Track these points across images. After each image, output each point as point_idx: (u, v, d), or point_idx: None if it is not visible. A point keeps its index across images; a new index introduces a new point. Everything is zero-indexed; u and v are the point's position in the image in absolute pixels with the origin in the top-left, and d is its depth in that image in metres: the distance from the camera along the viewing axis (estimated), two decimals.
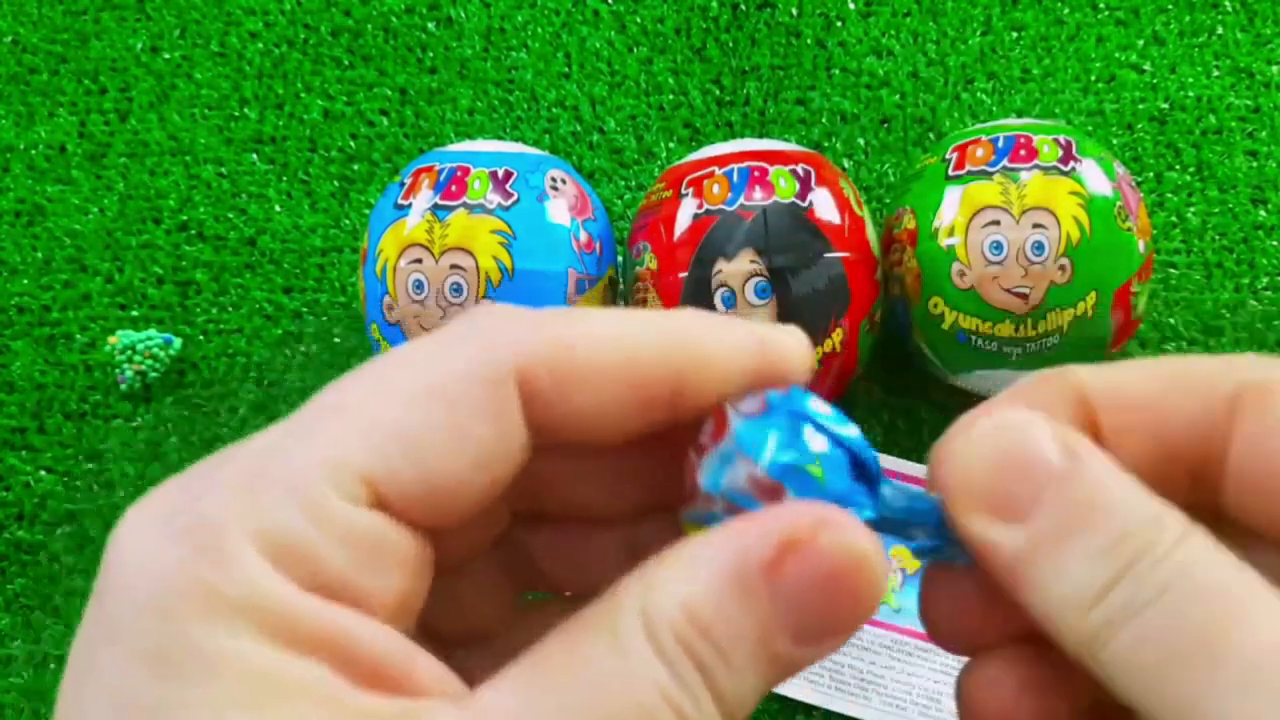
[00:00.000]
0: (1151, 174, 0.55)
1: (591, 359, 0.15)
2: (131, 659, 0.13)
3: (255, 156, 0.57)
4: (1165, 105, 0.56)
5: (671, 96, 0.57)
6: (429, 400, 0.15)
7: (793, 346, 0.17)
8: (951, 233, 0.43)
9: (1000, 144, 0.44)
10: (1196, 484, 0.16)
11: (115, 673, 0.13)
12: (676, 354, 0.16)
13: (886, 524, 0.16)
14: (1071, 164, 0.43)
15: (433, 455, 0.15)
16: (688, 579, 0.14)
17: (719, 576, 0.14)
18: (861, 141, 0.56)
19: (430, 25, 0.59)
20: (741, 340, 0.16)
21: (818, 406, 0.16)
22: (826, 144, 0.56)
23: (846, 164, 0.56)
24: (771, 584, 0.14)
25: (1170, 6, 0.57)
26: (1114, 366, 0.17)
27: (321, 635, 0.14)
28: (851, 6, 0.58)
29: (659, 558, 0.15)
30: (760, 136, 0.56)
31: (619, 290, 0.49)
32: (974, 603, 0.17)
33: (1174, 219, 0.54)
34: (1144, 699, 0.14)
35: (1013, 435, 0.15)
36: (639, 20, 0.59)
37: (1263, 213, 0.54)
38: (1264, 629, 0.13)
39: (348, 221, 0.56)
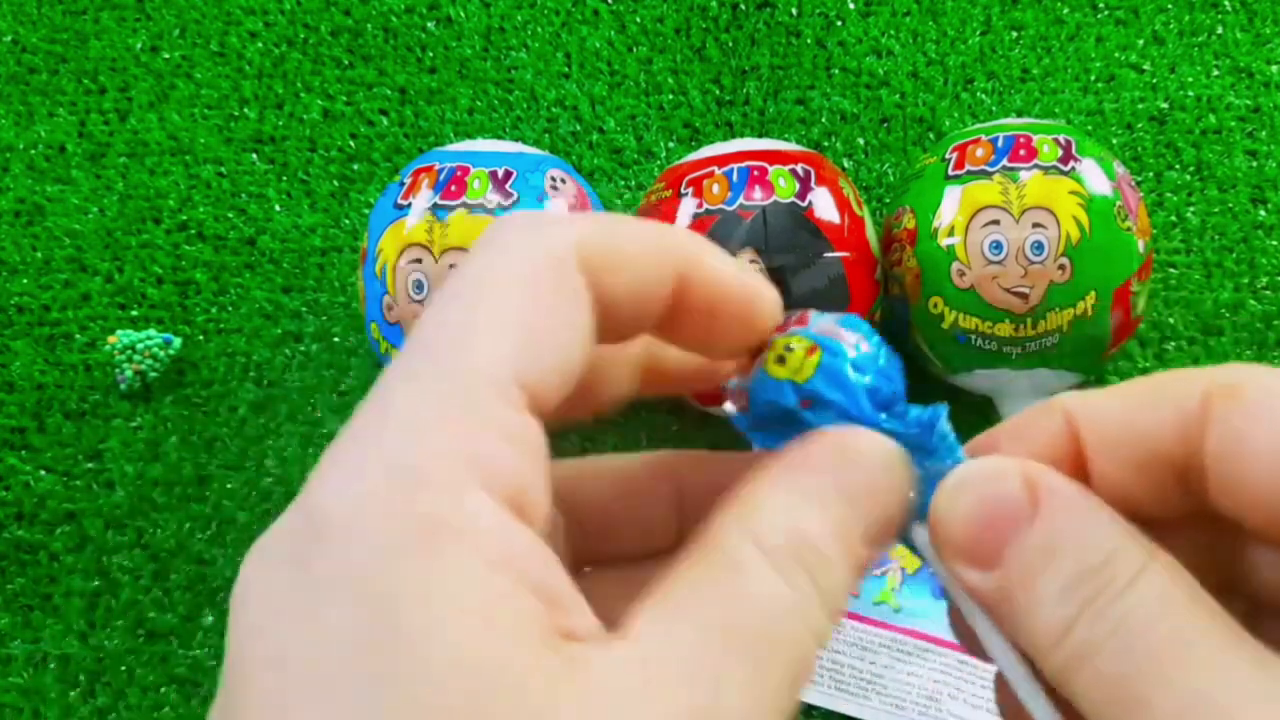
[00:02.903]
0: (1151, 174, 0.55)
1: (632, 235, 0.18)
2: (361, 604, 0.13)
3: (255, 156, 0.57)
4: (1165, 105, 0.56)
5: (671, 96, 0.57)
6: (532, 297, 0.16)
7: (768, 298, 0.20)
8: (951, 232, 0.43)
9: (1000, 144, 0.44)
10: (1188, 489, 0.17)
11: (342, 620, 0.13)
12: (689, 245, 0.18)
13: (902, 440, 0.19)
14: (1071, 164, 0.43)
15: (553, 342, 0.16)
16: (785, 502, 0.17)
17: (802, 494, 0.17)
18: (861, 141, 0.56)
19: (430, 25, 0.59)
20: (731, 269, 0.19)
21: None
22: (826, 144, 0.56)
23: (846, 164, 0.56)
24: (841, 488, 0.17)
25: (1170, 6, 0.57)
26: (1097, 391, 0.18)
27: (526, 563, 0.14)
28: (851, 6, 0.58)
29: (746, 490, 0.17)
30: (760, 136, 0.56)
31: None
32: None
33: (1174, 219, 0.54)
34: None
35: (981, 488, 0.17)
36: (639, 20, 0.58)
37: (1263, 212, 0.54)
38: (1179, 689, 0.14)
39: (348, 221, 0.56)
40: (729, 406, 0.20)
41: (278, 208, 0.56)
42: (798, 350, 0.19)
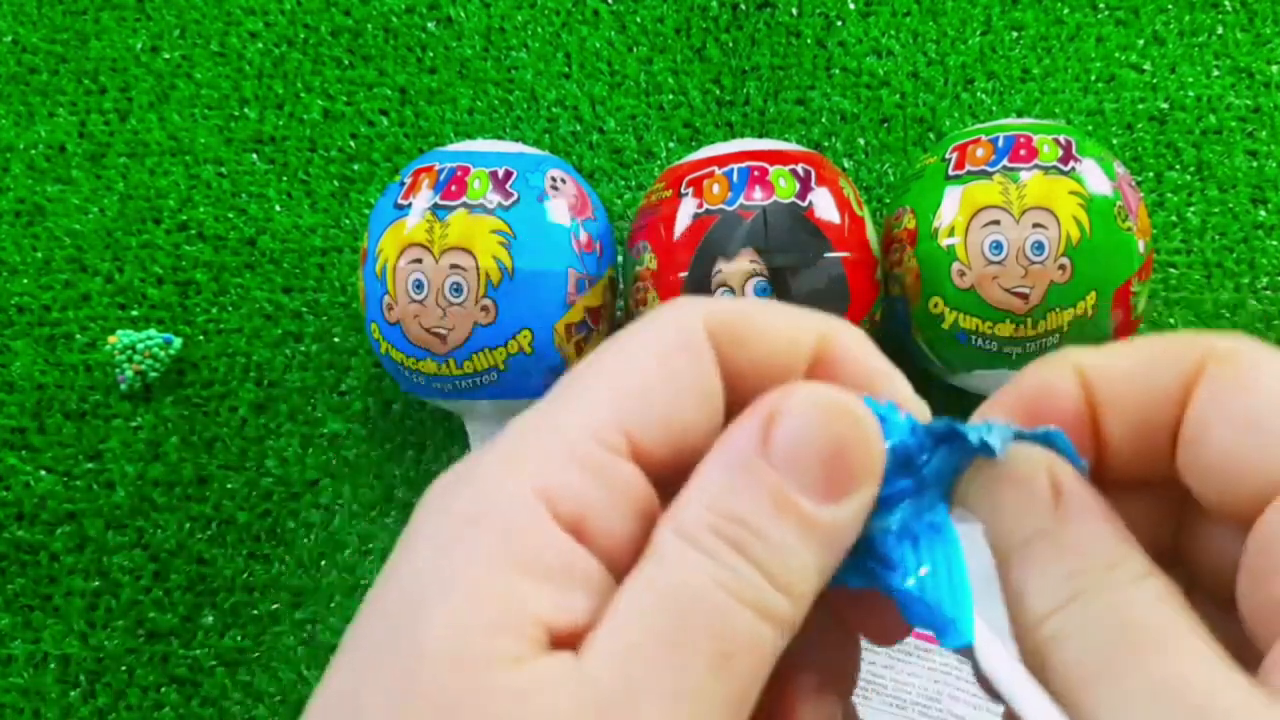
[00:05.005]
0: (1151, 174, 0.55)
1: (765, 312, 0.19)
2: (386, 572, 0.16)
3: (255, 156, 0.57)
4: (1165, 105, 0.56)
5: (671, 96, 0.57)
6: (646, 359, 0.17)
7: (900, 379, 0.20)
8: (951, 233, 0.43)
9: (1000, 144, 0.44)
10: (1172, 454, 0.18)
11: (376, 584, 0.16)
12: (820, 328, 0.19)
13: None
14: (1071, 164, 0.43)
15: (665, 401, 0.17)
16: (702, 488, 0.17)
17: (724, 471, 0.16)
18: (861, 141, 0.56)
19: (430, 25, 0.59)
20: (870, 349, 0.19)
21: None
22: (826, 144, 0.56)
23: (846, 164, 0.56)
24: (767, 455, 0.16)
25: (1170, 6, 0.57)
26: (1108, 347, 0.19)
27: (541, 558, 0.16)
28: (851, 6, 0.58)
29: (685, 485, 0.17)
30: (760, 136, 0.56)
31: (619, 290, 0.49)
32: None
33: (1174, 219, 0.54)
34: (1072, 706, 0.16)
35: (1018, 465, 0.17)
36: (639, 20, 0.58)
37: (1263, 213, 0.54)
38: (1170, 662, 0.15)
39: (348, 221, 0.56)
40: None
41: (278, 208, 0.56)
42: None
